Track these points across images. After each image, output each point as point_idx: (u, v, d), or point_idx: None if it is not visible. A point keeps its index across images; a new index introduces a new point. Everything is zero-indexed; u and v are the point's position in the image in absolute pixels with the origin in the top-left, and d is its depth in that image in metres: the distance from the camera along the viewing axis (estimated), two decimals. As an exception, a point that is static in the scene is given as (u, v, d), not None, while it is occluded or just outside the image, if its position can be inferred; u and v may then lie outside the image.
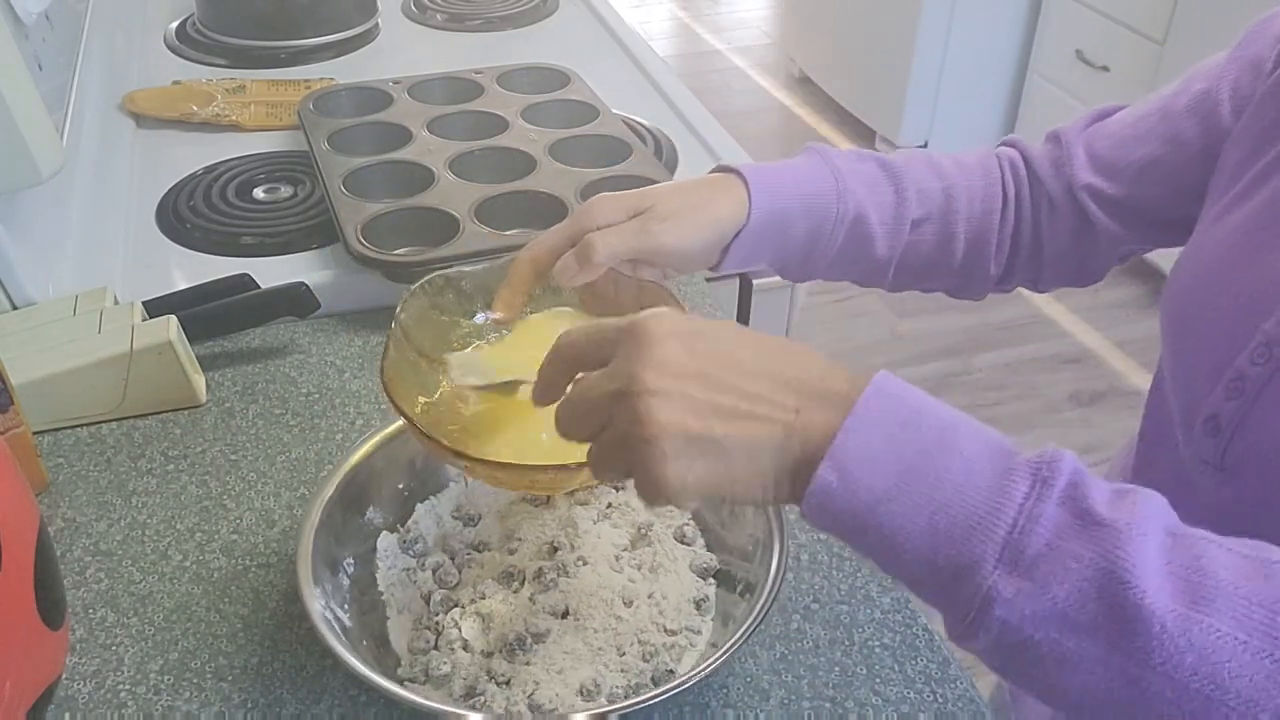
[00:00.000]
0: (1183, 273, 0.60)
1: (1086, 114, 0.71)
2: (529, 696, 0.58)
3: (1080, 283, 0.73)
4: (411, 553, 0.68)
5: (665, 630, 0.62)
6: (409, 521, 0.69)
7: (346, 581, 0.64)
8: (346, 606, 0.62)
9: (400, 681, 0.60)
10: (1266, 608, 0.36)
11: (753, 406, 0.42)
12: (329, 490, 0.65)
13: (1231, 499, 0.54)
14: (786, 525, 0.62)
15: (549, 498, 0.71)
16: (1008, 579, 0.38)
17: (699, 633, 0.63)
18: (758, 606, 0.58)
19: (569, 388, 0.47)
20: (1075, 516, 0.39)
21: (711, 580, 0.66)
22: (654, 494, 0.43)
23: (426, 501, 0.71)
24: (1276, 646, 0.36)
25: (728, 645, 0.56)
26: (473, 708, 0.58)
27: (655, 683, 0.60)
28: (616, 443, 0.44)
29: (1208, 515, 0.55)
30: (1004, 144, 0.74)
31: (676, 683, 0.54)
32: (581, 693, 0.58)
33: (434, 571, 0.66)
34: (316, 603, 0.58)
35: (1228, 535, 0.41)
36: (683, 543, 0.68)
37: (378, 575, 0.66)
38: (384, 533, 0.68)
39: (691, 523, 0.69)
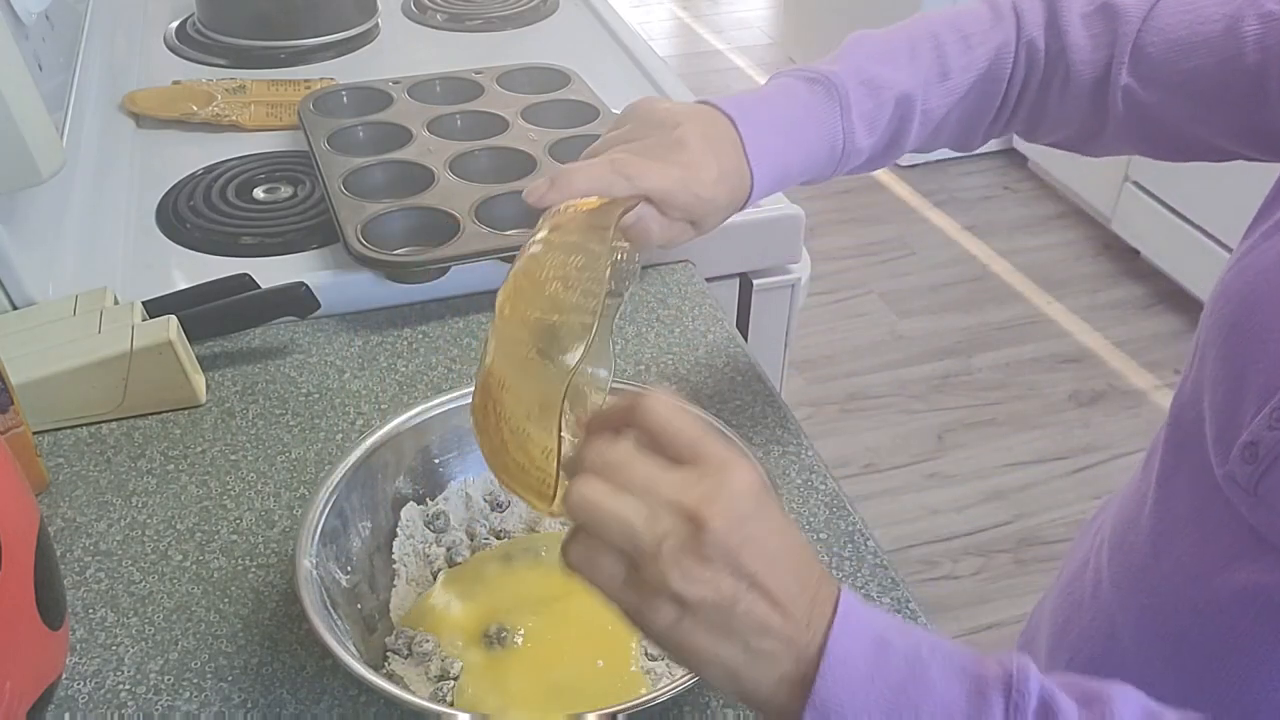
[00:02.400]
0: (1237, 284, 0.57)
1: None
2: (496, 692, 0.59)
3: (1077, 151, 0.72)
4: (433, 528, 0.68)
5: (648, 654, 0.62)
6: (438, 497, 0.70)
7: (357, 544, 0.65)
8: (349, 569, 0.63)
9: (384, 652, 0.61)
10: None
11: (775, 609, 0.42)
12: (357, 452, 0.66)
13: (1265, 522, 0.53)
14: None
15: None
16: None
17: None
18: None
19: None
20: None
21: None
22: (658, 633, 0.43)
23: (460, 480, 0.71)
24: None
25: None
26: (441, 690, 0.59)
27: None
28: (644, 552, 0.42)
29: (1239, 529, 0.54)
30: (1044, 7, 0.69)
31: (676, 683, 0.54)
32: (555, 694, 0.59)
33: (448, 549, 0.67)
34: (308, 559, 0.59)
35: (1260, 551, 0.42)
36: None
37: (395, 544, 0.67)
38: (410, 503, 0.69)
39: None
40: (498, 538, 0.69)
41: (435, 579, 0.66)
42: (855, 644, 0.42)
